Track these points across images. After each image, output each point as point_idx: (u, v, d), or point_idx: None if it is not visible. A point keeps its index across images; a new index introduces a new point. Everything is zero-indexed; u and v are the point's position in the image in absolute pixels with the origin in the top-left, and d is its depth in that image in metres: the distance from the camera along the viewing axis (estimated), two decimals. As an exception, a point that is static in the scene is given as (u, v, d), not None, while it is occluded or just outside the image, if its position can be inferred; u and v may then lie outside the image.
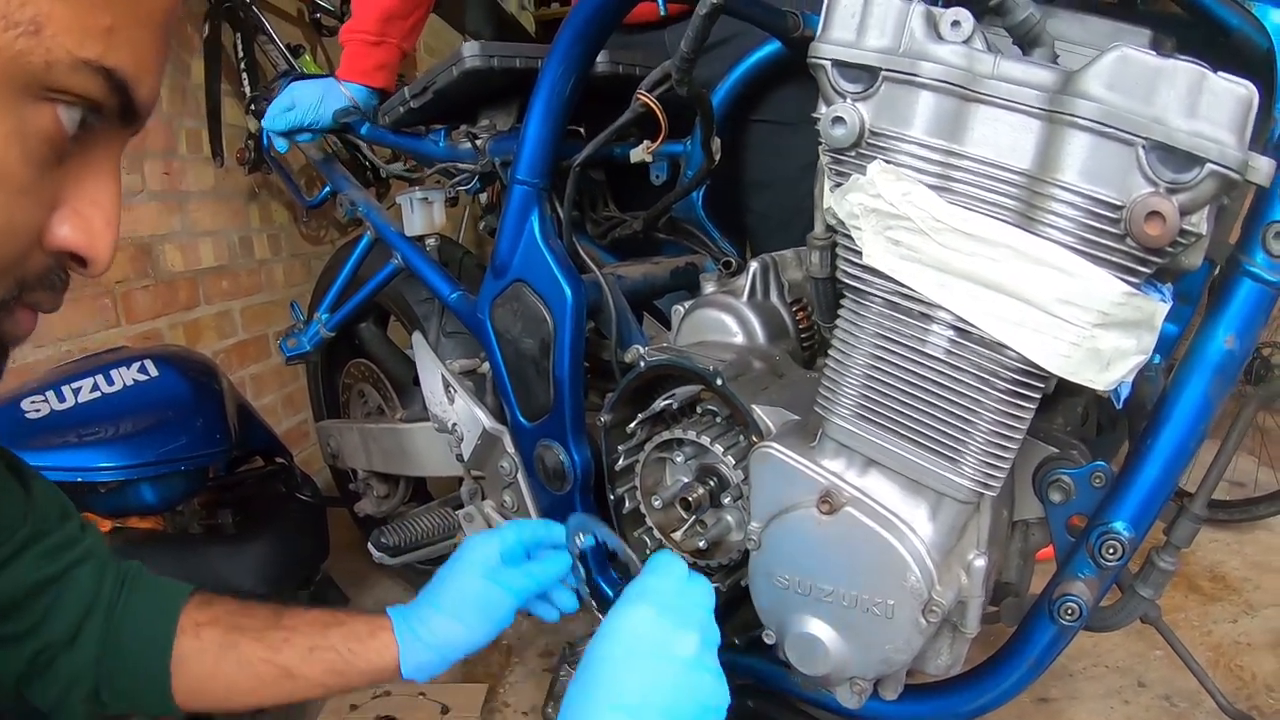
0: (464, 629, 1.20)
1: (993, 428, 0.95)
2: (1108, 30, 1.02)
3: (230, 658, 1.14)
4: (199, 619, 1.15)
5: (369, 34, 1.96)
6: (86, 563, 1.09)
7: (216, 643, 1.14)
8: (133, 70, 0.62)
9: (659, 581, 1.00)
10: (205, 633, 1.15)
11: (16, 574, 1.01)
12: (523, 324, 1.57)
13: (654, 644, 0.94)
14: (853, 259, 0.97)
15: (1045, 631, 1.16)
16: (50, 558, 1.04)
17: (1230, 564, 2.61)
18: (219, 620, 1.16)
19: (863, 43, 0.93)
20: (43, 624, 1.04)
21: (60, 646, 1.06)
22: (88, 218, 0.67)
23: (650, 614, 0.96)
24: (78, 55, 0.58)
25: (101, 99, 0.61)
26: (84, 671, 1.08)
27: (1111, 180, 0.85)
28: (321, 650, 1.17)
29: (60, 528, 1.08)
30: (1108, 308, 0.85)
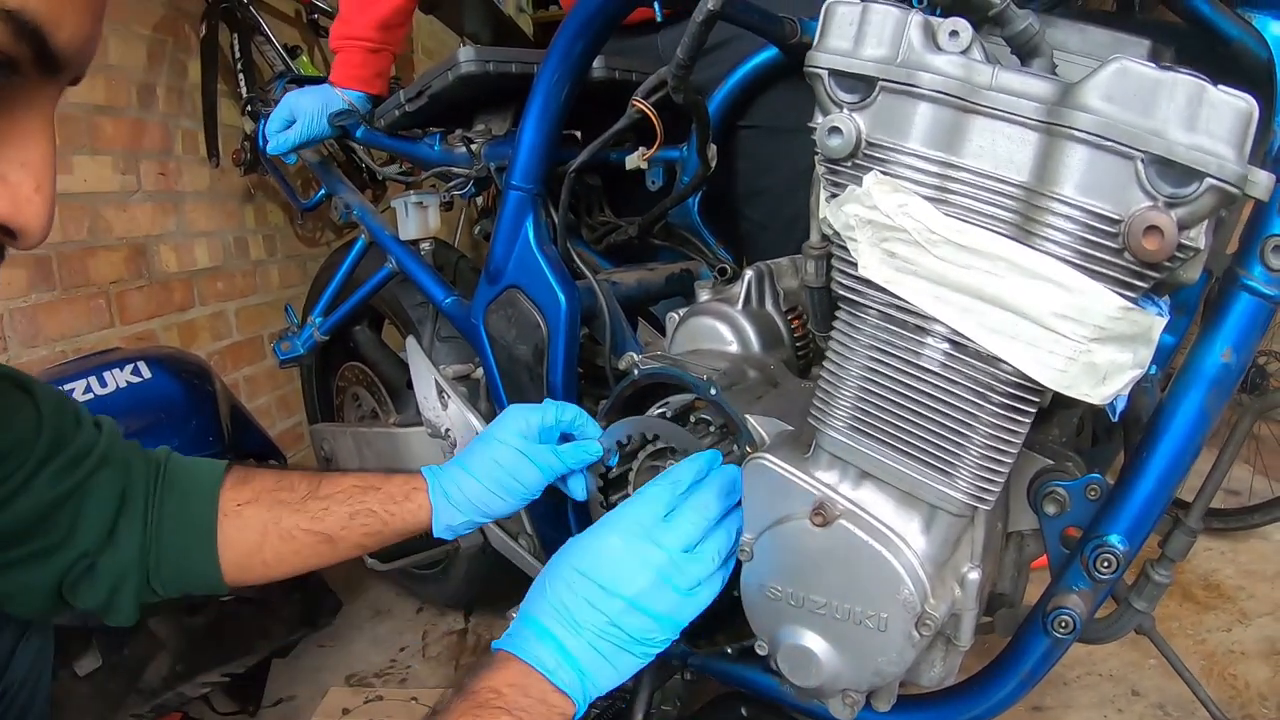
0: (494, 495, 1.27)
1: (988, 441, 0.94)
2: (1107, 40, 1.01)
3: (273, 533, 1.19)
4: (239, 498, 1.20)
5: (369, 41, 1.96)
6: (106, 467, 1.10)
7: (260, 519, 1.19)
8: (45, 11, 0.54)
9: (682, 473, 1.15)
10: (247, 511, 1.19)
11: (35, 494, 1.01)
12: (517, 330, 1.56)
13: (640, 534, 1.08)
14: (848, 270, 0.96)
15: (1039, 644, 1.15)
16: (67, 471, 1.05)
17: (1224, 572, 2.61)
18: (259, 498, 1.21)
19: (860, 52, 0.92)
20: (71, 535, 1.06)
21: (97, 551, 1.08)
22: (14, 184, 0.60)
23: (648, 512, 1.10)
24: None
25: (7, 48, 0.53)
26: (128, 568, 1.11)
27: (1110, 194, 0.84)
28: (360, 515, 1.23)
29: (76, 436, 1.09)
30: (1104, 322, 0.85)
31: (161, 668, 1.90)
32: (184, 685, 1.92)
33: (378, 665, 2.36)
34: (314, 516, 1.21)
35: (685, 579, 1.07)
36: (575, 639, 1.03)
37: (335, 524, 1.22)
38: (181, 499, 1.17)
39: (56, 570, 1.05)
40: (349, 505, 1.23)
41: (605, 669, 1.04)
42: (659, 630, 1.06)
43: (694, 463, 1.18)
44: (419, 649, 2.43)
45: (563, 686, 1.01)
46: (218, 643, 2.00)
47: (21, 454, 1.01)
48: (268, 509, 1.20)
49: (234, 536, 1.17)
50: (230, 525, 1.18)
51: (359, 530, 1.23)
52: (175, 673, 1.90)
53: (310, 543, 1.21)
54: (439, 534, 1.28)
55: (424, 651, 2.42)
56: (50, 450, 1.04)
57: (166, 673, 1.90)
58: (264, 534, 1.19)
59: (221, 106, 3.11)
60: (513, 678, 0.99)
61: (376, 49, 1.98)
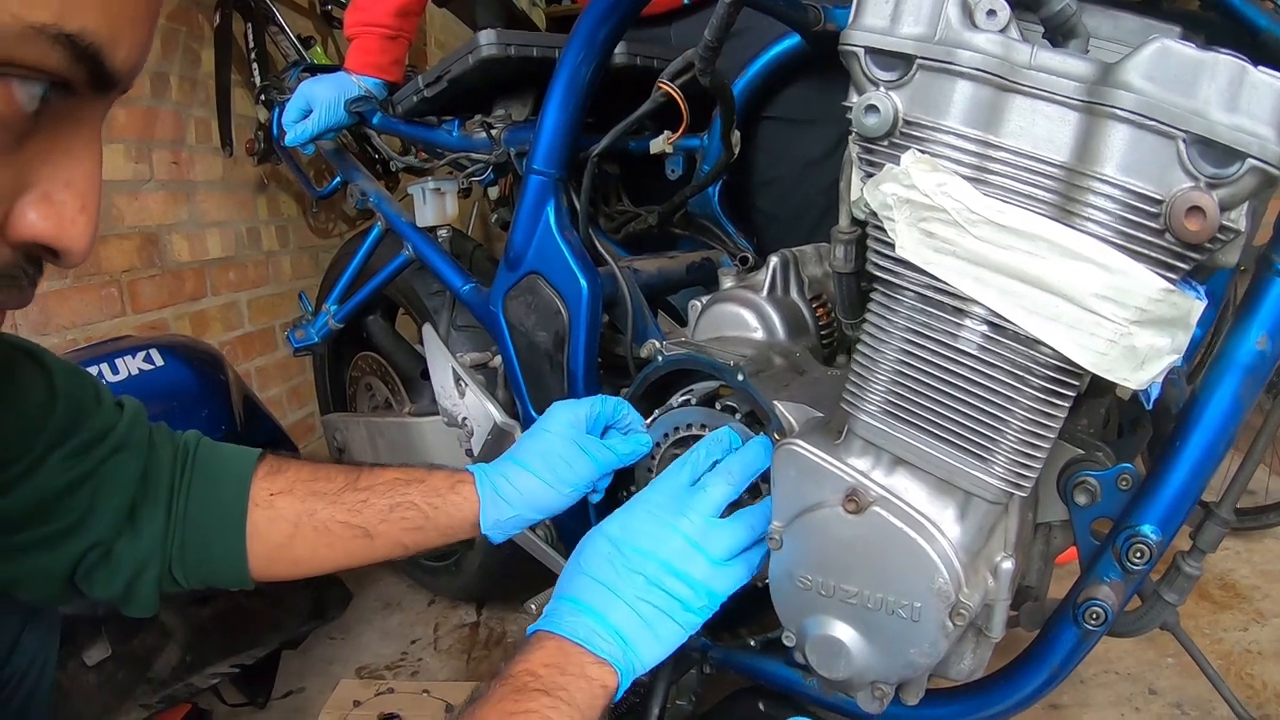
0: (546, 487, 1.23)
1: (1026, 426, 0.93)
2: (1138, 27, 1.00)
3: (307, 524, 1.14)
4: (272, 488, 1.15)
5: (385, 28, 1.95)
6: (124, 451, 1.06)
7: (293, 510, 1.14)
8: (104, 32, 0.53)
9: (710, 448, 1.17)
10: (280, 501, 1.14)
11: (46, 477, 0.98)
12: (537, 317, 1.55)
13: (667, 503, 1.10)
14: (884, 251, 0.95)
15: (1069, 636, 1.14)
16: (81, 455, 1.01)
17: (1240, 572, 2.60)
18: (293, 488, 1.16)
19: (897, 30, 0.91)
20: (85, 522, 1.02)
21: (114, 538, 1.05)
22: (58, 203, 0.58)
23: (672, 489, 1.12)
24: (27, 20, 0.48)
25: (64, 70, 0.52)
26: (149, 556, 1.07)
27: (1151, 174, 0.83)
28: (401, 508, 1.18)
29: (93, 416, 1.05)
30: (1146, 304, 0.83)
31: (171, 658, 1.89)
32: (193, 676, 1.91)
33: (389, 658, 2.35)
34: (351, 509, 1.16)
35: (717, 547, 1.08)
36: (615, 606, 1.03)
37: (374, 517, 1.17)
38: (210, 485, 1.12)
39: (69, 557, 1.02)
40: (389, 498, 1.18)
41: (647, 636, 1.03)
42: (696, 597, 1.06)
43: (714, 439, 1.20)
44: (430, 642, 2.42)
45: (602, 654, 1.00)
46: (228, 634, 1.99)
47: (32, 435, 0.97)
48: (302, 500, 1.15)
49: (264, 528, 1.13)
50: (261, 515, 1.13)
51: (399, 524, 1.18)
52: (185, 663, 1.89)
53: (346, 537, 1.16)
54: (487, 530, 1.22)
55: (435, 644, 2.41)
56: (64, 431, 1.00)
57: (176, 663, 1.89)
58: (297, 525, 1.14)
59: (235, 96, 3.11)
60: (548, 656, 0.99)
61: (393, 36, 1.98)
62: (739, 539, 1.10)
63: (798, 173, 1.88)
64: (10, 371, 0.98)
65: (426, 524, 1.19)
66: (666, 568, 1.05)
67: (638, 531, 1.08)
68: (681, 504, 1.10)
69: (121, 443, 1.06)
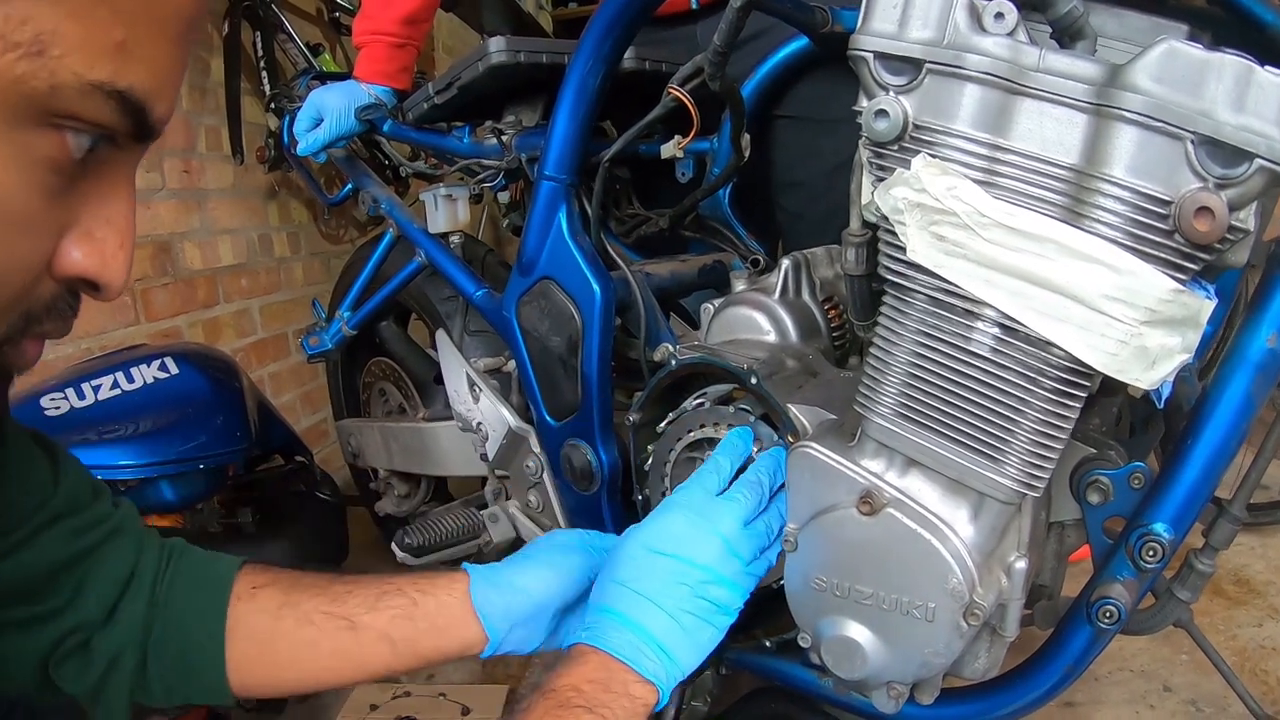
0: (536, 576, 1.17)
1: (1038, 427, 0.94)
2: (1145, 26, 1.01)
3: (290, 617, 1.09)
4: (255, 582, 1.11)
5: (394, 36, 1.96)
6: (118, 538, 1.04)
7: (275, 600, 1.10)
8: (149, 89, 0.58)
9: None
10: (262, 594, 1.10)
11: (37, 552, 0.95)
12: (550, 321, 1.55)
13: (700, 510, 1.09)
14: (896, 255, 0.96)
15: (1083, 634, 1.14)
16: (77, 535, 0.99)
17: (1254, 568, 2.59)
18: (277, 581, 1.12)
19: (905, 34, 0.91)
20: (71, 604, 0.99)
21: (94, 626, 1.01)
22: (100, 240, 0.62)
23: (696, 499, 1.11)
24: (87, 78, 0.53)
25: (114, 123, 0.57)
26: (125, 650, 1.03)
27: (1160, 175, 0.83)
28: (389, 595, 1.13)
29: (91, 506, 1.03)
30: (1156, 304, 0.84)
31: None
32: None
33: (405, 661, 2.35)
34: (335, 598, 1.11)
35: (747, 550, 1.08)
36: (658, 619, 1.02)
37: (359, 605, 1.11)
38: (193, 580, 1.09)
39: (48, 640, 0.98)
40: (376, 587, 1.14)
41: (687, 647, 1.03)
42: (733, 599, 1.06)
43: (732, 444, 1.20)
44: (446, 645, 2.42)
45: (647, 675, 0.99)
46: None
47: (31, 508, 0.95)
48: (285, 591, 1.11)
49: (245, 621, 1.08)
50: (243, 609, 1.08)
51: (385, 614, 1.11)
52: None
53: (330, 629, 1.09)
54: (479, 604, 1.14)
55: (451, 648, 2.41)
56: (63, 511, 0.98)
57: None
58: (278, 617, 1.09)
59: (245, 104, 3.11)
60: (592, 673, 0.98)
61: (401, 44, 1.98)
62: (761, 540, 1.10)
63: (827, 174, 1.88)
64: (18, 446, 0.97)
65: (415, 612, 1.12)
66: (710, 574, 1.05)
67: (679, 538, 1.07)
68: (716, 511, 1.09)
69: (117, 530, 1.04)
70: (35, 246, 0.59)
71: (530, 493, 1.75)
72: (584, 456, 1.57)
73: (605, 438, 1.56)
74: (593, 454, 1.56)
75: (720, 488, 1.13)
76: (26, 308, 0.61)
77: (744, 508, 1.10)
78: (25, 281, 0.59)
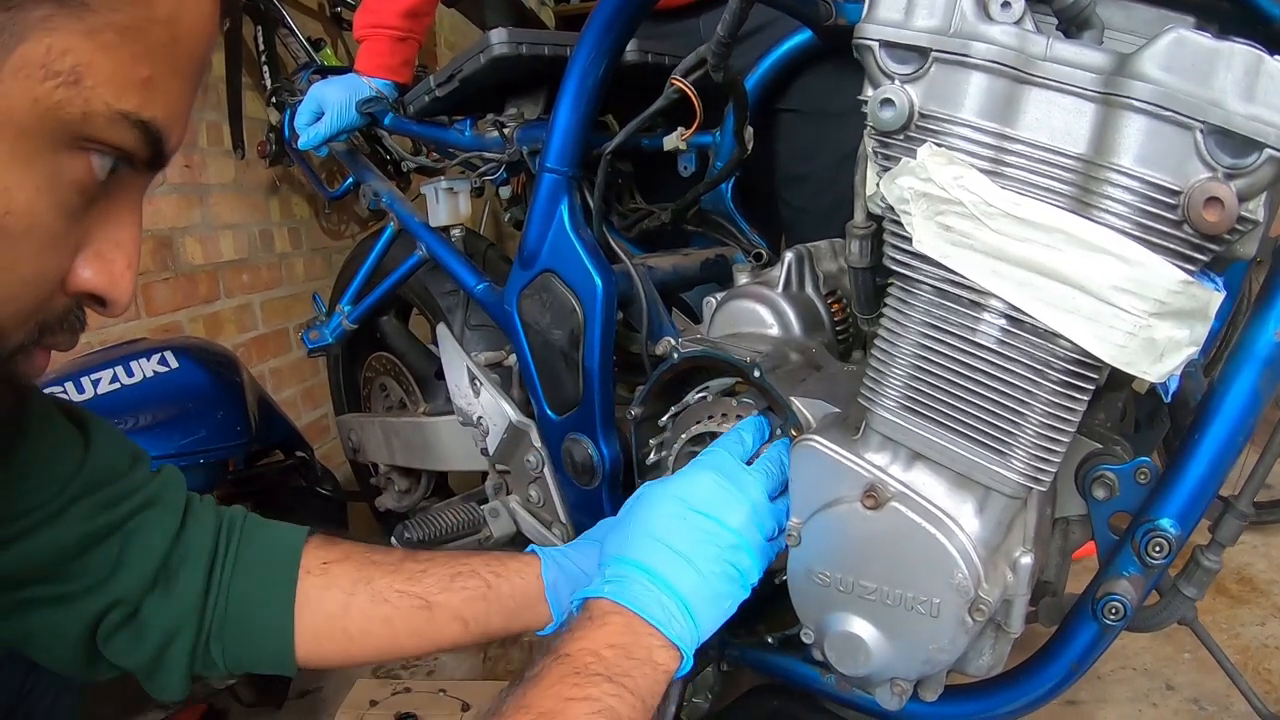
0: None
1: (1045, 420, 0.93)
2: (1151, 17, 1.00)
3: (363, 592, 1.10)
4: (326, 557, 1.12)
5: (395, 30, 1.95)
6: (154, 508, 1.04)
7: (349, 577, 1.11)
8: (166, 121, 0.64)
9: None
10: (335, 569, 1.11)
11: (68, 525, 0.95)
12: (551, 315, 1.55)
13: (730, 474, 1.09)
14: (901, 245, 0.95)
15: (1088, 631, 1.13)
16: (106, 508, 0.99)
17: (1257, 566, 2.58)
18: (349, 556, 1.13)
19: (911, 23, 0.91)
20: (110, 578, 0.98)
21: (140, 598, 1.01)
22: (110, 260, 0.69)
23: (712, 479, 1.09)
24: (116, 107, 0.60)
25: (135, 150, 0.63)
26: (181, 621, 1.03)
27: (1169, 165, 0.83)
28: (463, 576, 1.13)
29: (127, 475, 1.03)
30: (1165, 296, 0.83)
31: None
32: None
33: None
34: (410, 577, 1.11)
35: (768, 526, 1.08)
36: (689, 578, 1.00)
37: (434, 585, 1.11)
38: (260, 553, 1.09)
39: (87, 616, 0.98)
40: (450, 567, 1.14)
41: (711, 610, 1.01)
42: (753, 571, 1.05)
43: (753, 424, 1.20)
44: (446, 641, 2.42)
45: (674, 638, 0.96)
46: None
47: (58, 484, 0.95)
48: (358, 568, 1.11)
49: (316, 596, 1.08)
50: (313, 583, 1.09)
51: (459, 594, 1.11)
52: (202, 663, 1.89)
53: (405, 608, 1.10)
54: (551, 591, 1.16)
55: (451, 644, 2.41)
56: (92, 484, 0.98)
57: (194, 663, 1.89)
58: (351, 594, 1.09)
59: (246, 99, 3.11)
60: (614, 636, 0.94)
61: (403, 37, 1.97)
62: (780, 520, 1.10)
63: (831, 168, 1.87)
64: (45, 422, 0.97)
65: (489, 594, 1.13)
66: (738, 538, 1.04)
67: (710, 497, 1.05)
68: (746, 478, 1.09)
69: (153, 499, 1.03)
70: (55, 262, 0.64)
71: (531, 487, 1.75)
72: (585, 451, 1.56)
73: (607, 432, 1.55)
74: (594, 448, 1.55)
75: (745, 458, 1.14)
76: (41, 319, 0.67)
77: (769, 482, 1.11)
78: (43, 294, 0.65)
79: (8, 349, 0.65)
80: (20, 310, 0.64)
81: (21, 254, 0.61)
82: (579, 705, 0.86)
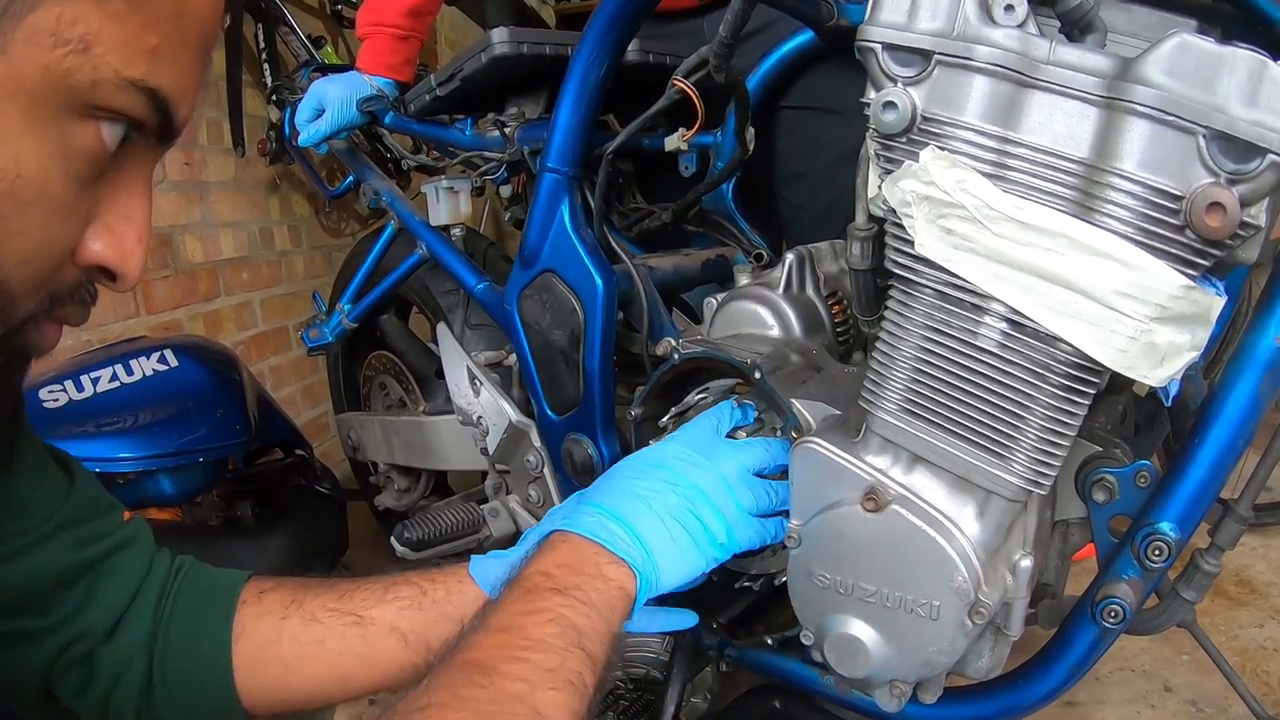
0: None
1: (1045, 424, 0.93)
2: (1154, 21, 1.00)
3: (295, 614, 1.08)
4: (261, 588, 1.10)
5: (397, 28, 1.95)
6: (128, 549, 1.04)
7: (281, 602, 1.09)
8: (175, 90, 0.65)
9: None
10: (268, 597, 1.09)
11: (41, 559, 0.94)
12: (552, 315, 1.55)
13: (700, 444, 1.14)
14: (903, 248, 0.95)
15: (1087, 634, 1.14)
16: (83, 544, 0.99)
17: (1256, 568, 2.59)
18: (283, 585, 1.12)
19: (915, 25, 0.91)
20: (76, 614, 0.98)
21: (98, 638, 1.00)
22: (120, 233, 0.69)
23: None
24: (124, 74, 0.60)
25: (144, 118, 0.64)
26: (131, 665, 1.01)
27: (1171, 170, 0.83)
28: (397, 586, 1.11)
29: (102, 518, 1.03)
30: (1166, 300, 0.83)
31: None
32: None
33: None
34: (341, 595, 1.09)
35: (745, 498, 1.10)
36: (644, 517, 1.02)
37: (367, 599, 1.09)
38: (200, 589, 1.08)
39: (50, 652, 0.97)
40: (384, 581, 1.12)
41: (672, 554, 1.02)
42: (721, 533, 1.06)
43: (727, 406, 1.23)
44: (445, 639, 2.42)
45: (622, 554, 0.98)
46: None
47: (41, 514, 0.95)
48: (291, 592, 1.10)
49: (250, 624, 1.06)
50: (249, 612, 1.07)
51: (393, 605, 1.09)
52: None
53: (337, 626, 1.07)
54: (477, 572, 1.13)
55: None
56: (71, 520, 0.98)
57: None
58: (284, 617, 1.07)
59: (246, 96, 3.11)
60: (562, 557, 0.98)
61: (405, 36, 1.97)
62: (763, 502, 1.11)
63: (831, 165, 1.87)
64: (34, 451, 0.97)
65: (424, 600, 1.10)
66: (701, 494, 1.06)
67: (676, 458, 1.09)
68: (717, 448, 1.12)
69: (127, 541, 1.04)
70: (65, 231, 0.65)
71: (531, 487, 1.75)
72: (585, 451, 1.56)
73: (607, 432, 1.55)
74: (594, 448, 1.55)
75: (723, 431, 1.17)
76: (52, 289, 0.67)
77: (748, 455, 1.13)
78: (54, 264, 0.66)
79: (18, 317, 0.66)
80: (30, 277, 0.64)
81: (31, 220, 0.62)
82: (532, 618, 0.89)
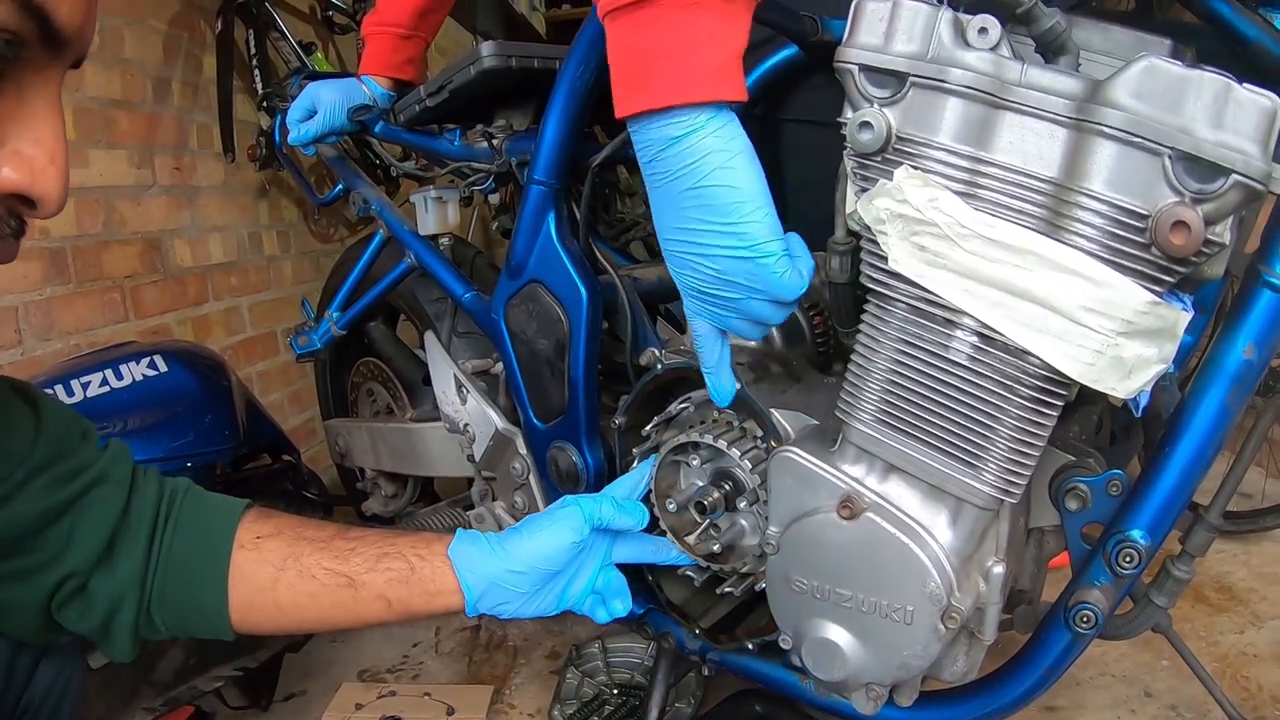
0: (520, 540, 1.20)
1: (1015, 434, 0.95)
2: (1129, 40, 1.02)
3: (292, 569, 1.12)
4: (259, 531, 1.13)
5: (401, 27, 1.95)
6: (104, 484, 1.05)
7: (279, 553, 1.12)
8: None
9: None
10: (266, 545, 1.12)
11: (24, 504, 0.97)
12: (538, 324, 1.56)
13: None
14: (878, 264, 0.97)
15: (1060, 639, 1.16)
16: (61, 484, 1.00)
17: (1236, 575, 2.60)
18: (281, 532, 1.14)
19: (890, 48, 0.93)
20: (62, 554, 1.00)
21: (90, 570, 1.03)
22: (28, 157, 0.67)
23: None
24: None
25: (15, 26, 0.61)
26: (124, 592, 1.05)
27: (1137, 189, 0.85)
28: (390, 557, 1.16)
29: (77, 452, 1.04)
30: (1132, 316, 0.85)
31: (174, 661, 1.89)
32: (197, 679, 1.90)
33: (390, 660, 2.36)
34: (338, 555, 1.14)
35: None
36: None
37: (360, 565, 1.14)
38: (195, 526, 1.11)
39: (44, 589, 1.01)
40: (377, 547, 1.16)
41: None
42: None
43: None
44: (432, 645, 2.43)
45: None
46: (231, 637, 1.99)
47: (12, 463, 0.96)
48: (289, 544, 1.13)
49: (248, 570, 1.10)
50: (246, 557, 1.11)
51: (384, 575, 1.14)
52: (188, 666, 1.89)
53: (330, 585, 1.12)
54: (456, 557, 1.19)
55: (437, 647, 2.42)
56: (45, 462, 0.99)
57: (179, 666, 1.89)
58: (281, 569, 1.11)
59: (236, 102, 3.12)
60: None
61: (408, 35, 1.97)
62: None
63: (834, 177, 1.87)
64: None
65: (411, 578, 1.16)
66: None
67: None
68: None
69: (102, 476, 1.05)
70: None
71: (516, 494, 1.76)
72: (570, 459, 1.58)
73: (591, 440, 1.57)
74: (578, 456, 1.57)
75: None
76: None
77: None
78: None
79: None
80: None
81: None
82: None
